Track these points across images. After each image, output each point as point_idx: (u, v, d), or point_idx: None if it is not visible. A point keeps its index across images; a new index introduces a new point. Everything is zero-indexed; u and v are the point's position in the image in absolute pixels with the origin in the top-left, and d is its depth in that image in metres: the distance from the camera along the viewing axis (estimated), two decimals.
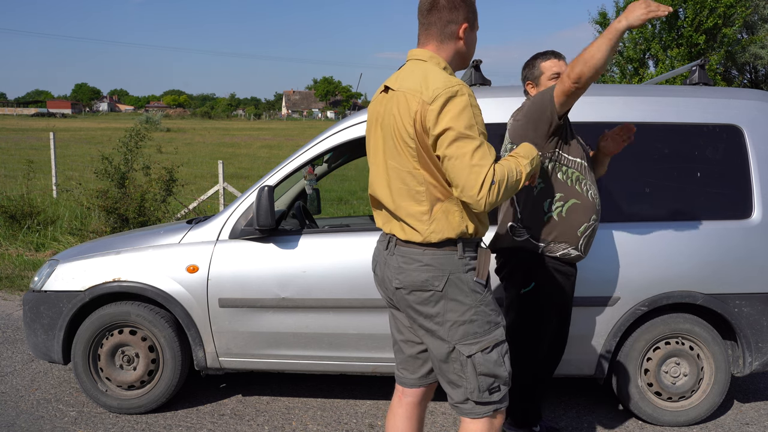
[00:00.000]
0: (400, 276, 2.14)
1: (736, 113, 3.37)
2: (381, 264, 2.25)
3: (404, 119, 2.04)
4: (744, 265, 3.28)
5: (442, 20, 2.12)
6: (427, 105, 1.98)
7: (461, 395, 2.15)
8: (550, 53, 2.99)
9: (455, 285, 2.09)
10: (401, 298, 2.17)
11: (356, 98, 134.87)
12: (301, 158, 3.49)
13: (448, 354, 2.13)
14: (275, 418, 3.53)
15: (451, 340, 2.10)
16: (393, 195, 2.13)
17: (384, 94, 2.18)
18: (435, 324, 2.12)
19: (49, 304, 3.54)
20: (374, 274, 2.33)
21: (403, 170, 2.09)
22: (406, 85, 2.07)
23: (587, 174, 2.80)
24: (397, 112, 2.07)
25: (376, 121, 2.19)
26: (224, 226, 3.47)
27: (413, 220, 2.09)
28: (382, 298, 2.37)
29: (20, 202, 8.38)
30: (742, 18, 16.93)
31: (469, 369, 2.11)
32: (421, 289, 2.10)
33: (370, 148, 2.24)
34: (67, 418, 3.51)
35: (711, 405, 3.39)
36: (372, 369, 3.45)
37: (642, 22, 2.40)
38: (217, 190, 9.21)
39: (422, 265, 2.09)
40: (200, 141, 32.10)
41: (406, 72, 2.12)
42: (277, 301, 3.36)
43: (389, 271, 2.19)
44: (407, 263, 2.12)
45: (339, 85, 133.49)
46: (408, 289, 2.13)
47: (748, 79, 21.30)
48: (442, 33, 2.13)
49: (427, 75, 2.03)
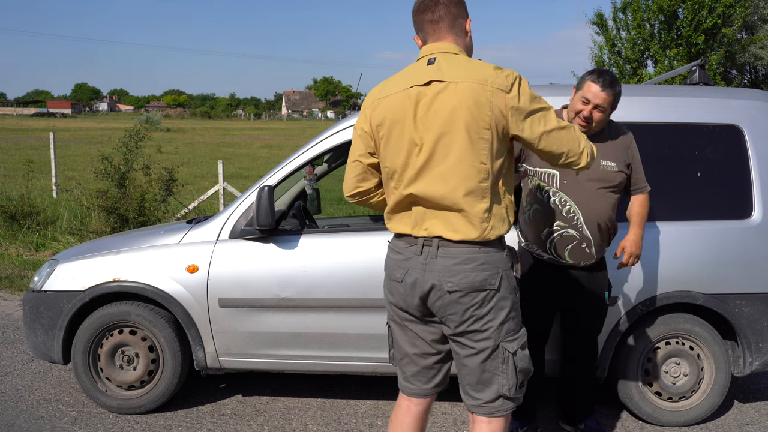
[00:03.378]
0: (454, 278, 2.05)
1: (736, 113, 3.37)
2: (415, 270, 2.11)
3: (479, 110, 1.97)
4: (744, 265, 3.28)
5: (451, 14, 2.12)
6: (504, 93, 1.97)
7: (493, 393, 2.14)
8: (603, 77, 2.84)
9: (506, 282, 2.10)
10: (449, 302, 2.07)
11: (356, 98, 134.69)
12: (301, 158, 3.49)
13: (491, 352, 2.11)
14: (275, 418, 3.53)
15: (497, 338, 2.09)
16: (454, 192, 2.02)
17: (421, 88, 2.04)
18: (485, 324, 2.08)
19: (49, 304, 3.54)
20: (395, 283, 2.18)
21: (469, 165, 2.01)
22: (463, 75, 2.00)
23: (553, 182, 2.92)
24: (464, 103, 1.98)
25: (414, 118, 2.05)
26: (224, 226, 3.47)
27: (474, 218, 2.03)
28: (394, 312, 2.25)
29: (20, 202, 8.38)
30: (741, 18, 16.92)
31: (510, 365, 2.12)
32: (479, 290, 2.06)
33: (403, 146, 2.08)
34: (67, 418, 3.51)
35: (711, 405, 3.39)
36: (372, 369, 3.45)
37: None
38: (217, 190, 9.21)
39: (479, 265, 2.05)
40: (200, 141, 32.09)
41: (449, 64, 2.04)
42: (277, 301, 3.35)
43: (433, 276, 2.07)
44: (462, 264, 2.05)
45: (339, 85, 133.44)
46: (464, 291, 2.05)
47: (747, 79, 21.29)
48: (453, 27, 2.13)
49: (478, 65, 2.03)
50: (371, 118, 2.16)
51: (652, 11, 17.07)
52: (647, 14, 17.35)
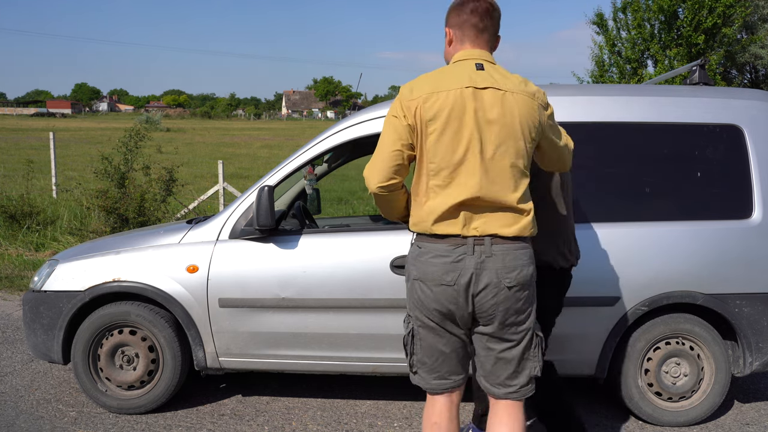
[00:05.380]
0: (512, 274, 2.16)
1: (736, 113, 3.37)
2: (468, 271, 2.13)
3: (531, 120, 2.17)
4: (744, 265, 3.28)
5: (494, 28, 2.29)
6: (544, 109, 2.23)
7: (526, 377, 2.29)
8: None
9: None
10: (504, 298, 2.16)
11: (356, 98, 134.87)
12: (301, 158, 3.49)
13: (530, 341, 2.27)
14: (275, 418, 3.53)
15: (533, 326, 2.28)
16: (510, 193, 2.16)
17: (478, 91, 2.12)
18: (526, 315, 2.24)
19: (48, 304, 3.54)
20: (443, 287, 2.16)
21: (521, 168, 2.19)
22: (514, 86, 2.17)
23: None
24: (520, 113, 2.15)
25: (475, 118, 2.11)
26: (224, 226, 3.47)
27: (524, 215, 2.20)
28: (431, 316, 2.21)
29: (20, 202, 8.38)
30: (741, 18, 16.92)
31: (539, 349, 2.30)
32: (529, 284, 2.22)
33: (460, 144, 2.12)
34: (67, 418, 3.50)
35: (711, 405, 3.39)
36: (372, 369, 3.45)
37: None
38: (217, 190, 9.22)
39: (528, 259, 2.23)
40: (200, 141, 32.09)
41: (496, 73, 2.19)
42: (277, 301, 3.35)
43: (489, 274, 2.13)
44: (519, 259, 2.18)
45: (339, 85, 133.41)
46: (520, 285, 2.18)
47: (748, 79, 21.29)
48: (492, 40, 2.30)
49: (518, 78, 2.22)
50: (420, 111, 2.14)
51: (652, 11, 17.08)
52: (647, 14, 17.36)
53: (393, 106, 2.22)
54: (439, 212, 2.15)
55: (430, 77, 2.20)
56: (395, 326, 3.28)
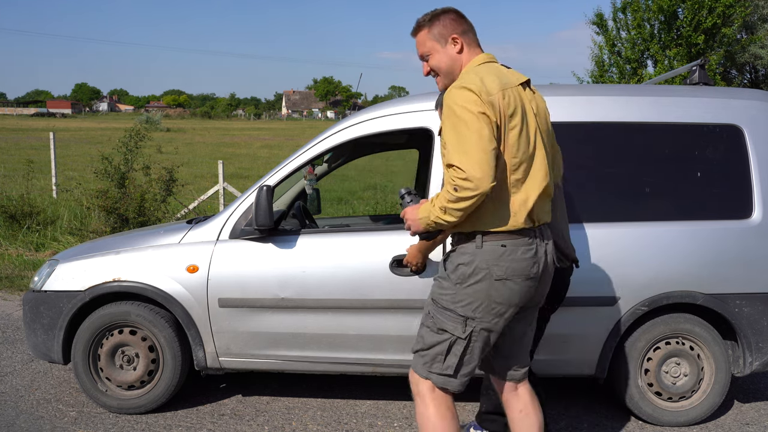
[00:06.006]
0: (554, 254, 2.39)
1: (736, 113, 3.37)
2: (542, 260, 2.28)
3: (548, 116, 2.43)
4: (744, 265, 3.28)
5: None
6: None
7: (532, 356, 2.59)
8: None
9: None
10: (549, 278, 2.36)
11: (356, 98, 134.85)
12: (301, 158, 3.49)
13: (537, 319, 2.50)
14: (275, 418, 3.53)
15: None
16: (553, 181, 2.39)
17: (522, 89, 2.28)
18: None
19: (49, 304, 3.54)
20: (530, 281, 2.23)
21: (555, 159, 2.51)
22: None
23: None
24: (545, 108, 2.41)
25: (537, 114, 2.31)
26: (224, 226, 3.47)
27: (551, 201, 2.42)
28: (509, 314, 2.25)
29: (20, 202, 8.38)
30: (741, 18, 16.91)
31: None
32: None
33: (531, 138, 2.23)
34: (67, 418, 3.51)
35: (711, 405, 3.39)
36: (372, 369, 3.44)
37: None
38: (217, 190, 9.22)
39: None
40: (200, 141, 32.09)
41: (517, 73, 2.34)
42: (277, 301, 3.35)
43: (549, 257, 2.33)
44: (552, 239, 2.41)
45: (339, 85, 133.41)
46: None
47: (747, 79, 21.28)
48: None
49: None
50: (502, 106, 2.13)
51: (652, 11, 17.07)
52: (647, 14, 17.35)
53: (470, 101, 2.08)
54: (530, 205, 2.20)
55: (488, 74, 2.18)
56: (395, 327, 3.29)
